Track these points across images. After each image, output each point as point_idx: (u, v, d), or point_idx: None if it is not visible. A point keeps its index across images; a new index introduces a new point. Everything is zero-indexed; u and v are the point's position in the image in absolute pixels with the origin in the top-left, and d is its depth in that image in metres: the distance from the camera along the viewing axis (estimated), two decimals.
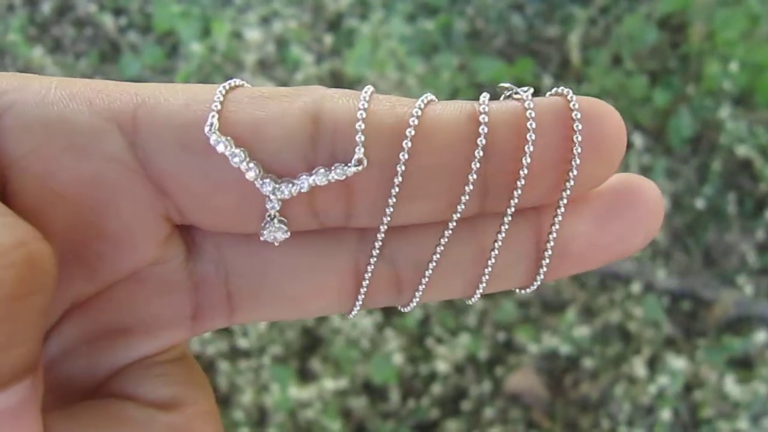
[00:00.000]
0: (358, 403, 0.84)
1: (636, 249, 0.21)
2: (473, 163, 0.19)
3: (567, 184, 0.20)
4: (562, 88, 0.20)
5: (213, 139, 0.18)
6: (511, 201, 0.20)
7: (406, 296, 0.21)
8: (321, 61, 1.03)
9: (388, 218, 0.19)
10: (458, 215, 0.20)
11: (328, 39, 1.04)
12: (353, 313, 0.21)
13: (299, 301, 0.21)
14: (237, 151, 0.18)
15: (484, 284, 0.21)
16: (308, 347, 0.88)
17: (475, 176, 0.19)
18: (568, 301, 0.90)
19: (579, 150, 0.19)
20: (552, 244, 0.21)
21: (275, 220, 0.19)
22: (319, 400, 0.82)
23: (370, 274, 0.20)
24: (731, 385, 0.82)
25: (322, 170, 0.18)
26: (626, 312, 0.89)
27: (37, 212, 0.17)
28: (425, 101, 0.19)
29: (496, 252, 0.21)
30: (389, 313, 0.89)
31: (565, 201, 0.20)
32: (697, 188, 0.95)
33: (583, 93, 0.96)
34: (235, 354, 0.86)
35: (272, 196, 0.18)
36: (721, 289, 0.91)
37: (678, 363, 0.83)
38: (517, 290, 0.23)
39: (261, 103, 0.19)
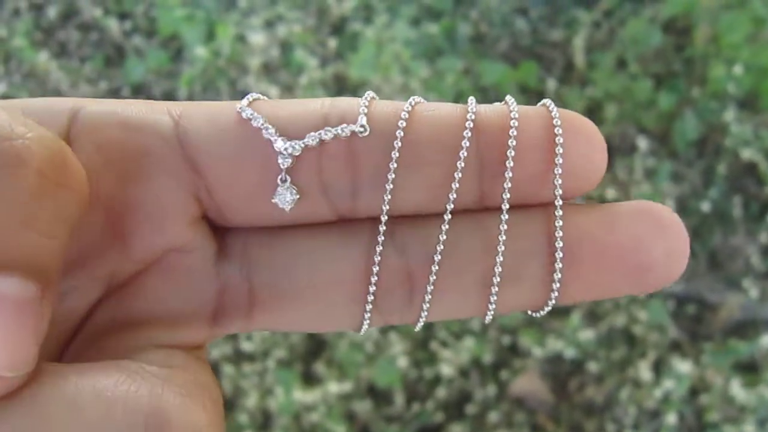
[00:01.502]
0: (363, 407, 0.84)
1: (661, 270, 0.21)
2: (464, 132, 0.21)
3: (556, 173, 0.21)
4: (545, 100, 0.22)
5: (240, 106, 0.21)
6: (505, 178, 0.21)
7: (417, 299, 0.22)
8: (325, 65, 1.03)
9: (391, 186, 0.21)
10: (457, 185, 0.21)
11: (333, 43, 1.04)
12: (365, 324, 0.22)
13: (314, 294, 0.22)
14: (258, 116, 0.21)
15: (497, 280, 0.21)
16: (313, 351, 0.88)
17: (468, 143, 0.21)
18: (572, 304, 0.90)
19: (561, 141, 0.21)
20: (561, 235, 0.21)
21: (287, 183, 0.21)
22: (323, 403, 0.82)
23: (379, 257, 0.22)
24: (737, 389, 0.82)
25: (329, 128, 0.21)
26: (631, 315, 0.88)
27: (90, 180, 0.19)
28: (416, 100, 0.22)
29: (504, 240, 0.21)
30: None
31: (560, 192, 0.21)
32: (702, 191, 0.95)
33: (588, 96, 0.96)
34: (239, 357, 0.86)
35: (284, 151, 0.21)
36: (726, 293, 0.90)
37: (683, 367, 0.83)
38: (532, 313, 0.23)
39: (282, 101, 0.22)
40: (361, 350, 0.85)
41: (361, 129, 0.21)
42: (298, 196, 0.21)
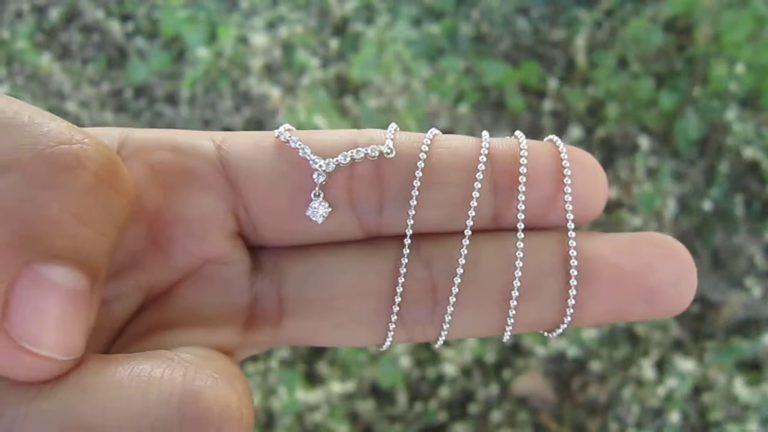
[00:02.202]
0: (366, 407, 0.84)
1: (669, 296, 0.22)
2: (480, 157, 0.23)
3: (566, 199, 0.23)
4: (552, 136, 0.24)
5: (279, 131, 0.23)
6: (519, 198, 0.23)
7: (440, 312, 0.23)
8: (327, 66, 1.03)
9: (415, 202, 0.23)
10: (475, 203, 0.23)
11: (334, 43, 1.04)
12: (388, 339, 0.23)
13: (341, 304, 0.23)
14: (296, 138, 0.23)
15: (516, 294, 0.23)
16: (315, 351, 0.88)
17: (483, 167, 0.23)
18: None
19: (568, 172, 0.23)
20: (576, 263, 0.23)
21: (320, 198, 0.23)
22: (326, 403, 0.82)
23: (404, 269, 0.23)
24: (740, 388, 0.82)
25: (360, 148, 0.23)
26: None
27: (137, 192, 0.21)
28: (434, 133, 0.24)
29: (522, 257, 0.23)
30: None
31: (572, 216, 0.23)
32: (704, 190, 0.95)
33: (589, 96, 0.96)
34: None
35: (318, 167, 0.23)
36: (729, 292, 0.90)
37: (686, 365, 0.83)
38: (547, 334, 0.24)
39: (314, 131, 0.24)
40: (363, 350, 0.85)
41: (388, 151, 0.23)
42: (330, 209, 0.23)
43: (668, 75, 1.00)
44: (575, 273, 0.23)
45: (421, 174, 0.23)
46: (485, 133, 0.24)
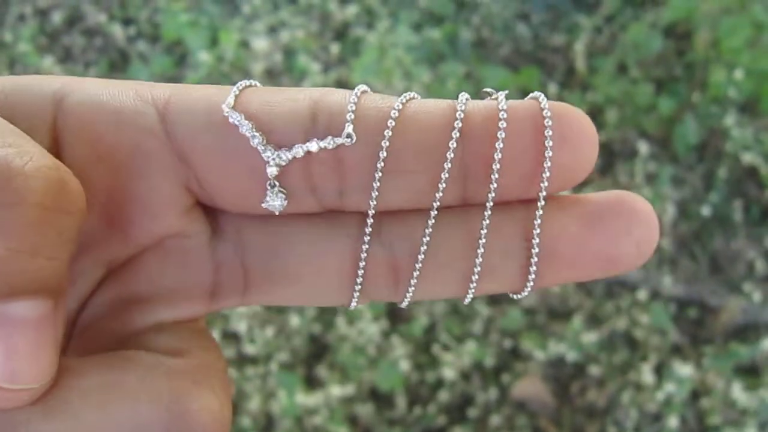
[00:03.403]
0: (365, 410, 0.84)
1: (629, 259, 0.22)
2: (450, 142, 0.21)
3: (543, 174, 0.21)
4: (537, 93, 0.22)
5: (226, 111, 0.21)
6: (491, 186, 0.21)
7: (402, 288, 0.23)
8: (328, 70, 1.03)
9: (377, 193, 0.21)
10: (441, 194, 0.21)
11: (335, 48, 1.04)
12: (353, 303, 0.23)
13: (304, 279, 0.23)
14: (246, 122, 0.21)
15: (476, 277, 0.22)
16: (315, 354, 0.88)
17: (452, 155, 0.21)
18: (574, 308, 0.90)
19: (550, 141, 0.21)
20: (538, 240, 0.22)
21: (275, 189, 0.21)
22: (325, 406, 0.82)
23: (365, 254, 0.22)
24: (738, 393, 0.82)
25: (315, 140, 0.21)
26: (633, 319, 0.89)
27: (83, 175, 0.20)
28: (408, 97, 0.22)
29: (484, 240, 0.22)
30: (396, 320, 0.89)
31: (544, 192, 0.21)
32: (703, 195, 0.95)
33: (589, 101, 0.97)
34: (242, 360, 0.87)
35: (271, 161, 0.21)
36: (727, 296, 0.91)
37: (685, 370, 0.83)
38: (511, 295, 0.24)
39: (271, 92, 0.22)
40: (363, 354, 0.85)
41: (347, 140, 0.21)
42: (287, 202, 0.22)
43: (667, 80, 1.00)
44: (536, 251, 0.22)
45: (383, 164, 0.21)
46: (462, 97, 0.22)
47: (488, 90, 0.23)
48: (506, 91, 0.22)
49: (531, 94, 0.22)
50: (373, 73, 0.95)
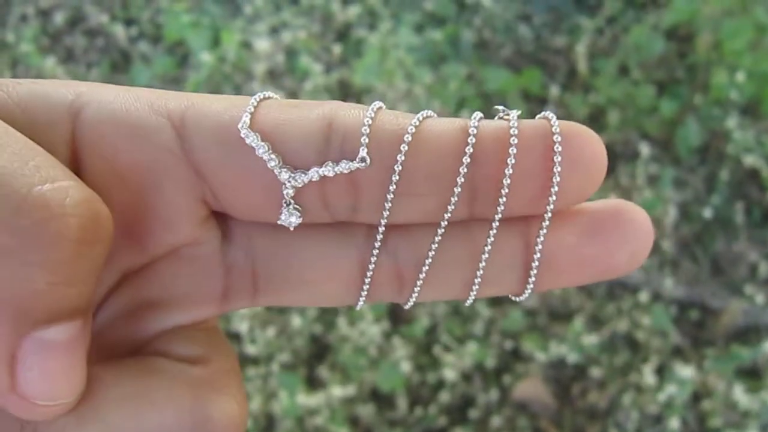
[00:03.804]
0: (366, 411, 0.84)
1: (623, 267, 0.23)
2: (461, 168, 0.22)
3: (550, 197, 0.22)
4: (547, 112, 0.22)
5: (243, 132, 0.21)
6: (498, 207, 0.22)
7: (406, 292, 0.24)
8: (330, 71, 1.03)
9: (388, 213, 0.22)
10: (449, 215, 0.22)
11: (337, 49, 1.04)
12: (359, 304, 0.24)
13: (313, 286, 0.24)
14: (262, 143, 0.21)
15: (477, 286, 0.23)
16: (316, 355, 0.88)
17: (463, 179, 0.22)
18: (575, 309, 0.90)
19: (559, 167, 0.21)
20: (539, 255, 0.23)
21: (290, 207, 0.22)
22: (326, 407, 0.82)
23: (373, 265, 0.23)
24: (740, 395, 0.82)
25: (330, 164, 0.22)
26: (634, 321, 0.89)
27: (102, 190, 0.21)
28: (424, 115, 0.22)
29: (487, 255, 0.23)
30: (397, 321, 0.89)
31: (549, 214, 0.22)
32: (704, 197, 0.95)
33: (591, 103, 0.97)
34: (243, 361, 0.87)
35: (287, 183, 0.22)
36: (729, 299, 0.91)
37: (686, 372, 0.83)
38: (511, 297, 0.25)
39: (286, 109, 0.22)
40: (364, 354, 0.85)
41: (362, 164, 0.21)
42: (301, 219, 0.22)
43: (669, 82, 1.00)
44: (536, 264, 0.23)
45: (395, 187, 0.22)
46: (476, 116, 0.22)
47: (499, 107, 0.23)
48: (519, 111, 0.23)
49: (541, 114, 0.22)
50: (374, 74, 0.95)
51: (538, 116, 0.23)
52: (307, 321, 0.87)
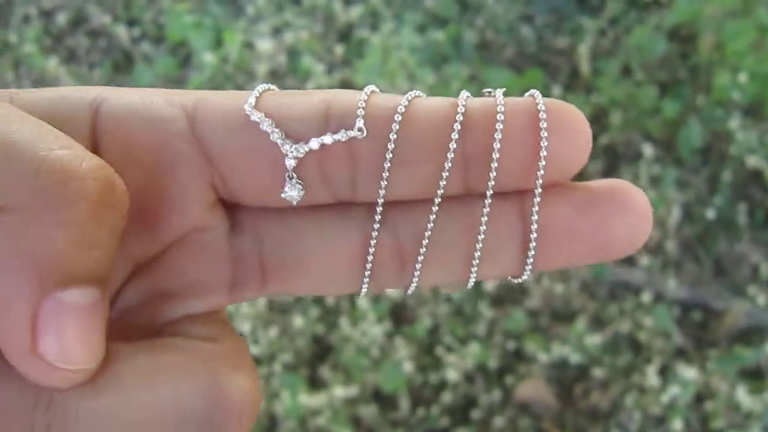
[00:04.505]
0: (368, 411, 0.84)
1: (620, 245, 0.23)
2: (452, 134, 0.23)
3: (540, 164, 0.23)
4: (533, 90, 0.24)
5: (248, 110, 0.23)
6: (490, 175, 0.23)
7: (408, 272, 0.25)
8: (332, 71, 1.03)
9: (386, 182, 0.23)
10: (444, 182, 0.23)
11: (339, 49, 1.05)
12: (363, 290, 0.25)
13: (319, 272, 0.25)
14: (266, 119, 0.23)
15: (477, 261, 0.24)
16: (318, 355, 0.88)
17: (455, 146, 0.23)
18: (578, 310, 0.90)
19: (546, 140, 0.23)
20: (536, 227, 0.24)
21: (294, 180, 0.24)
22: (329, 407, 0.82)
23: (375, 240, 0.24)
24: (743, 396, 0.82)
25: (329, 133, 0.23)
26: (636, 322, 0.89)
27: (118, 170, 0.22)
28: (413, 95, 0.24)
29: (485, 227, 0.24)
30: (399, 321, 0.89)
31: (540, 181, 0.23)
32: (707, 198, 0.95)
33: (593, 103, 0.97)
34: None
35: (290, 153, 0.23)
36: (732, 300, 0.90)
37: (689, 373, 0.83)
38: (511, 279, 0.25)
39: (287, 94, 0.24)
40: (366, 355, 0.85)
41: (359, 133, 0.23)
42: (303, 192, 0.24)
43: (672, 83, 1.00)
44: (534, 236, 0.24)
45: (391, 155, 0.23)
46: (463, 94, 0.24)
47: (488, 90, 0.25)
48: (504, 89, 0.24)
49: (528, 92, 0.24)
50: (377, 75, 0.96)
51: (525, 95, 0.24)
52: (309, 321, 0.87)
